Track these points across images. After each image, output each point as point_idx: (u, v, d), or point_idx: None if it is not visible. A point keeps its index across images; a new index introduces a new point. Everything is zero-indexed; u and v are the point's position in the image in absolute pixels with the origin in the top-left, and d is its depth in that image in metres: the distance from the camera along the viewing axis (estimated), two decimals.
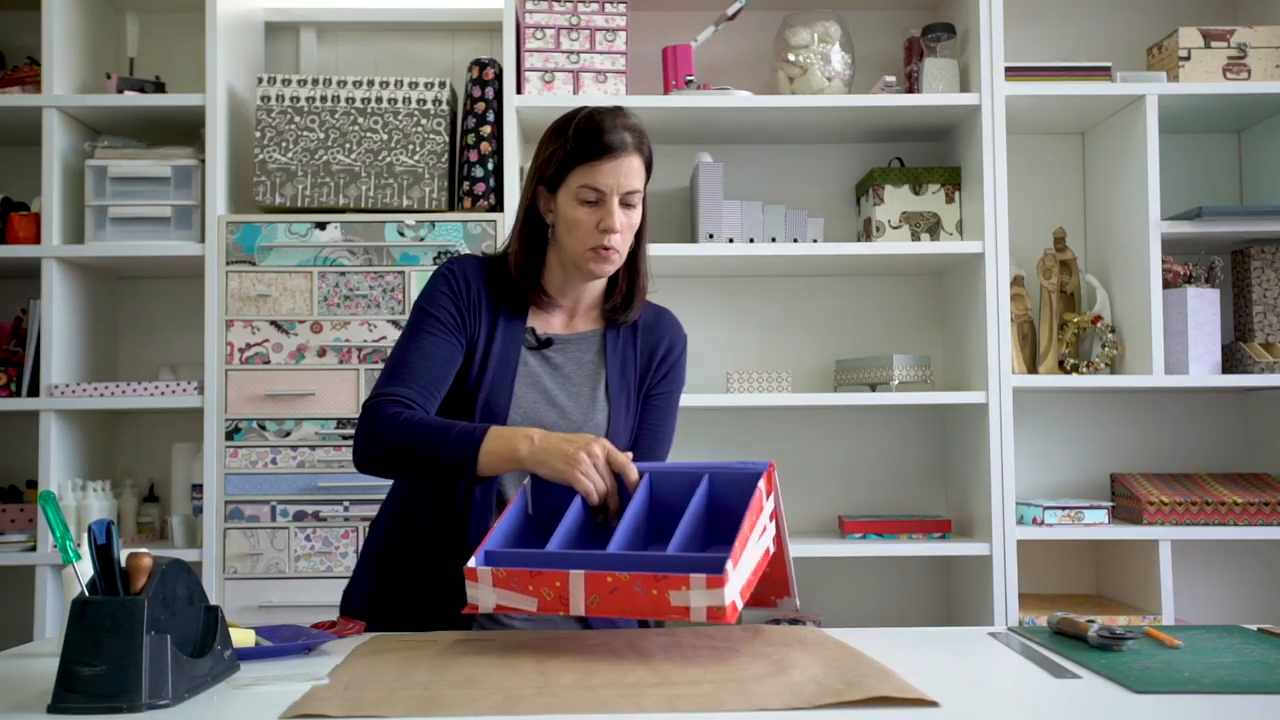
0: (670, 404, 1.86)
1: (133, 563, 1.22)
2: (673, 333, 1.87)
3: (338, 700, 1.17)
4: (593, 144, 1.67)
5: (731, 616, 1.33)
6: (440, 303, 1.72)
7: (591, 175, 1.67)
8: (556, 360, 1.77)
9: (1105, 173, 3.08)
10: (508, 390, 1.71)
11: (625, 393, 1.78)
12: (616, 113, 1.71)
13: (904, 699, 1.15)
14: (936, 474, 3.19)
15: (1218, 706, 1.16)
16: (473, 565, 1.42)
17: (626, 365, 1.80)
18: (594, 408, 1.76)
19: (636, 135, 1.70)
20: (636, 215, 1.72)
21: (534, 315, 1.79)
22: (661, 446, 1.85)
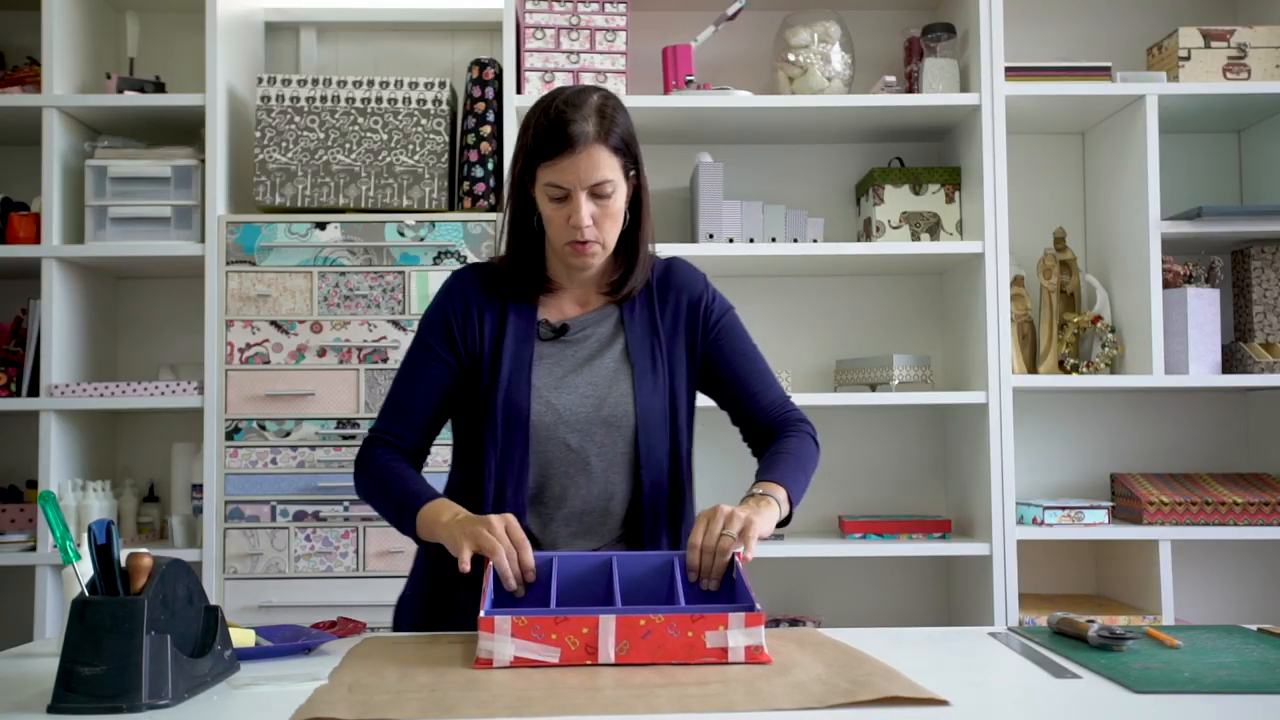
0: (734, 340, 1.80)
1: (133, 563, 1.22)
2: (688, 281, 1.81)
3: (345, 702, 1.16)
4: (550, 141, 1.63)
5: (768, 658, 1.33)
6: (432, 328, 1.76)
7: (553, 173, 1.63)
8: (575, 344, 1.74)
9: (1105, 173, 3.08)
10: (525, 387, 1.69)
11: (651, 354, 1.74)
12: (579, 101, 1.65)
13: (915, 699, 1.15)
14: (936, 474, 3.19)
15: (1218, 706, 1.16)
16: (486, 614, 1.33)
17: (647, 327, 1.76)
18: (617, 377, 1.72)
19: (601, 121, 1.64)
20: (615, 203, 1.67)
21: (546, 305, 1.77)
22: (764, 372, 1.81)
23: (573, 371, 1.72)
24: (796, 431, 1.80)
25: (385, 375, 2.75)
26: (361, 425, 2.74)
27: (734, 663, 1.32)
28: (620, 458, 1.72)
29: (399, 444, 1.75)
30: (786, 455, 1.75)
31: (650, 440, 1.71)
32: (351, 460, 2.72)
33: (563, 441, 1.69)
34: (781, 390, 1.84)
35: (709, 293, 1.81)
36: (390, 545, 2.72)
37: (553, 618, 1.32)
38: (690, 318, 1.78)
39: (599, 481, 1.71)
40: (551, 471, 1.70)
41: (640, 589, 1.53)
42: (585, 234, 1.65)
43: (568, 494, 1.70)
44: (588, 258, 1.69)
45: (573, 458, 1.69)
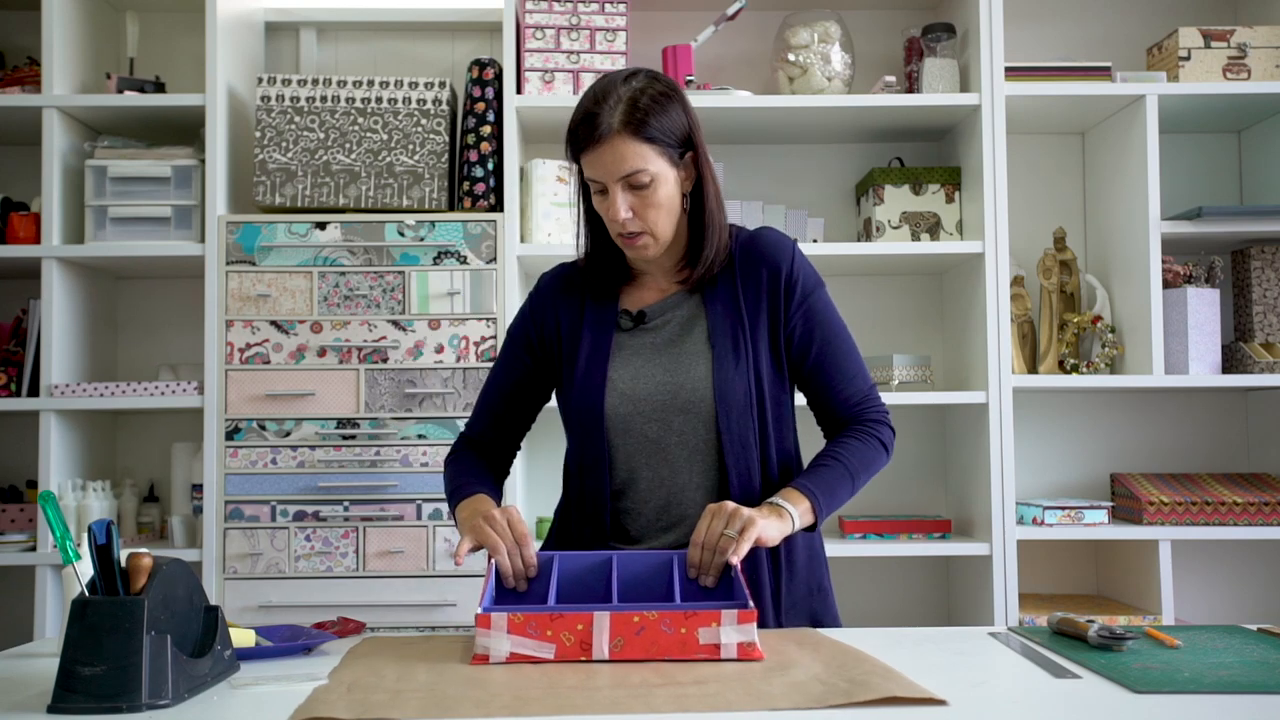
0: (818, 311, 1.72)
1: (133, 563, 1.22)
2: (773, 249, 1.72)
3: (344, 702, 1.16)
4: (577, 136, 1.63)
5: (760, 654, 1.33)
6: (513, 330, 1.83)
7: (587, 167, 1.64)
8: (654, 331, 1.72)
9: (1105, 173, 3.08)
10: (600, 380, 1.68)
11: (733, 335, 1.68)
12: (609, 90, 1.62)
13: (914, 698, 1.15)
14: (936, 474, 3.19)
15: (1218, 706, 1.16)
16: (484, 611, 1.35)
17: (729, 306, 1.70)
18: (695, 362, 1.68)
19: (632, 111, 1.60)
20: (658, 193, 1.62)
21: (627, 295, 1.76)
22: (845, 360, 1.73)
23: (651, 360, 1.70)
24: (864, 432, 1.73)
25: (385, 375, 2.75)
26: (361, 425, 2.74)
27: (726, 659, 1.33)
28: (702, 445, 1.68)
29: (481, 440, 1.82)
30: (833, 461, 1.69)
31: (732, 425, 1.66)
32: (352, 460, 2.73)
33: (641, 432, 1.68)
34: (866, 383, 1.76)
35: (794, 264, 1.72)
36: (390, 545, 2.72)
37: (548, 614, 1.34)
38: (772, 292, 1.71)
39: (682, 471, 1.68)
40: (634, 464, 1.69)
41: (640, 587, 1.54)
42: (626, 226, 1.63)
43: (652, 486, 1.69)
44: (639, 249, 1.66)
45: (652, 448, 1.68)
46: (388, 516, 2.72)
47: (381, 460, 2.73)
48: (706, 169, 1.68)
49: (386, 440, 2.74)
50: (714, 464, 1.69)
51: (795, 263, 1.72)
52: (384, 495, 2.73)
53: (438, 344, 2.76)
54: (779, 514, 1.59)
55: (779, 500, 1.61)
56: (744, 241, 1.74)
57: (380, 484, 2.73)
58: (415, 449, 2.73)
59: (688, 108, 1.67)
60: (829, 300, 1.75)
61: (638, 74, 1.66)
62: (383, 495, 2.73)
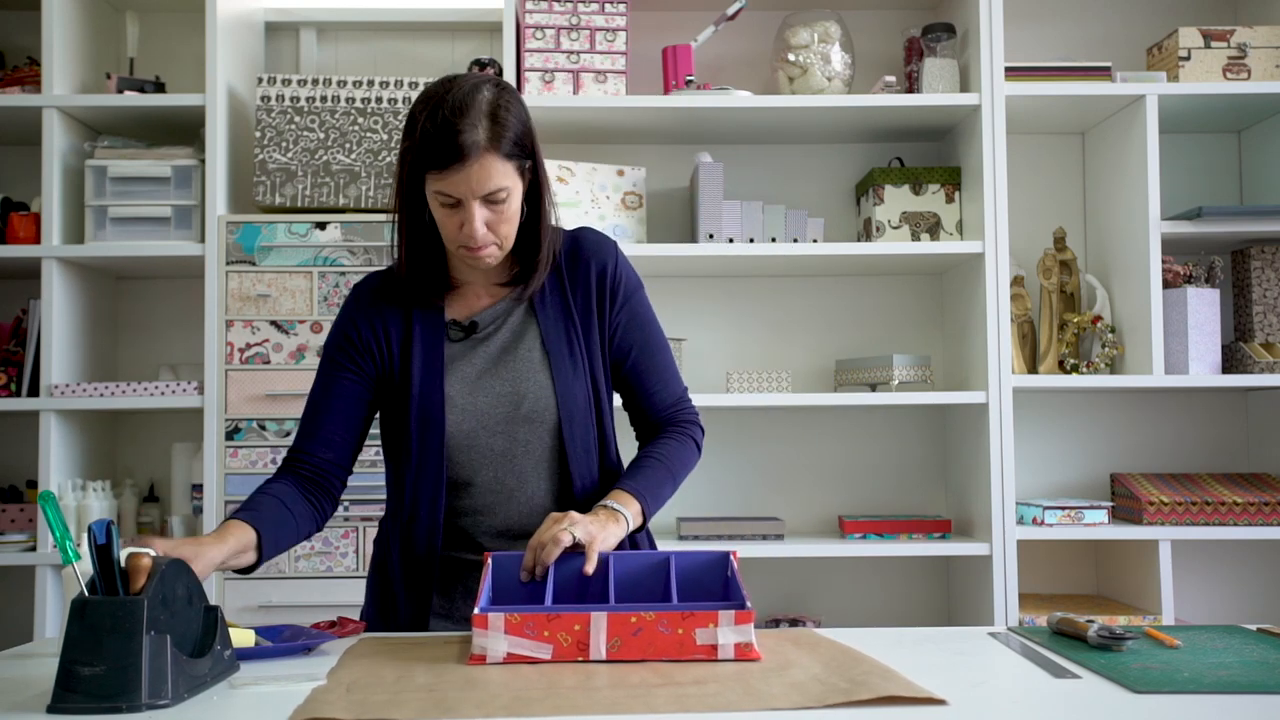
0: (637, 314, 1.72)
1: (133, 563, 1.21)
2: (596, 251, 1.71)
3: (344, 702, 1.16)
4: (438, 151, 1.52)
5: (757, 654, 1.33)
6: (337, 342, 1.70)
7: (443, 183, 1.54)
8: (487, 340, 1.67)
9: (1105, 173, 3.09)
10: (439, 394, 1.64)
11: (567, 338, 1.67)
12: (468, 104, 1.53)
13: (913, 698, 1.15)
14: (936, 474, 3.19)
15: (1218, 706, 1.16)
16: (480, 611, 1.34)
17: (560, 309, 1.69)
18: (534, 370, 1.66)
19: (493, 126, 1.53)
20: (510, 206, 1.57)
21: (453, 304, 1.70)
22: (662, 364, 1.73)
23: (487, 371, 1.66)
24: (679, 433, 1.74)
25: None
26: None
27: (724, 660, 1.33)
28: (548, 454, 1.67)
29: (311, 463, 1.71)
30: (654, 461, 1.68)
31: (575, 432, 1.66)
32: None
33: (486, 445, 1.65)
34: (679, 387, 1.77)
35: (617, 264, 1.72)
36: None
37: (545, 615, 1.34)
38: (599, 294, 1.70)
39: (529, 480, 1.67)
40: (480, 477, 1.66)
41: (637, 587, 1.54)
42: (478, 239, 1.57)
43: (500, 497, 1.66)
44: (483, 259, 1.60)
45: (500, 461, 1.65)
46: None
47: (381, 460, 2.72)
48: (543, 174, 1.64)
49: None
50: (557, 471, 1.68)
51: (618, 265, 1.72)
52: (384, 495, 2.71)
53: None
54: (615, 518, 1.58)
55: (612, 504, 1.60)
56: (567, 241, 1.72)
57: (380, 484, 2.71)
58: None
59: (527, 113, 1.62)
60: (648, 302, 1.75)
61: (483, 83, 1.58)
62: (383, 495, 2.71)
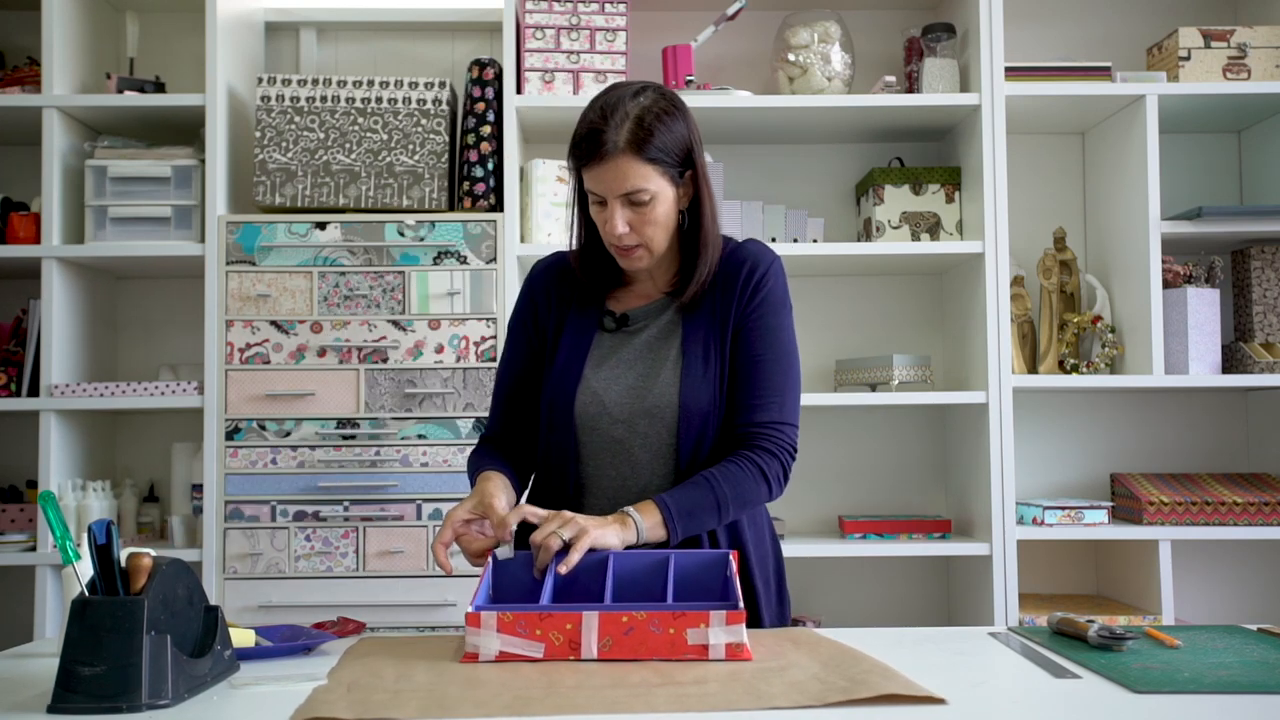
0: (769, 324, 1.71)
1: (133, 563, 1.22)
2: (751, 258, 1.74)
3: (344, 702, 1.16)
4: (582, 149, 1.64)
5: (749, 654, 1.34)
6: (514, 320, 1.84)
7: (589, 179, 1.65)
8: (634, 335, 1.75)
9: (1105, 173, 3.08)
10: (574, 378, 1.71)
11: (704, 343, 1.70)
12: (616, 106, 1.63)
13: (912, 696, 1.15)
14: (936, 474, 3.19)
15: (1218, 706, 1.16)
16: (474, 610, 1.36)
17: (705, 316, 1.72)
18: (666, 368, 1.69)
19: (637, 130, 1.61)
20: (656, 210, 1.64)
21: (615, 296, 1.79)
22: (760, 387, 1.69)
23: (627, 363, 1.73)
24: (749, 461, 1.67)
25: (385, 375, 2.75)
26: (361, 425, 2.74)
27: (714, 660, 1.33)
28: (664, 449, 1.70)
29: (498, 435, 1.82)
30: (703, 482, 1.64)
31: (691, 431, 1.68)
32: (352, 460, 2.73)
33: (607, 433, 1.70)
34: (782, 413, 1.71)
35: (767, 272, 1.73)
36: (390, 545, 2.72)
37: (537, 614, 1.35)
38: (741, 292, 1.72)
39: (643, 473, 1.70)
40: (599, 462, 1.72)
41: (636, 586, 1.55)
42: (623, 240, 1.66)
43: (614, 485, 1.71)
44: (633, 260, 1.70)
45: (617, 449, 1.70)
46: (388, 516, 2.72)
47: (381, 460, 2.73)
48: (705, 187, 1.70)
49: (386, 440, 2.74)
50: (673, 468, 1.70)
51: (768, 273, 1.73)
52: (384, 495, 2.73)
53: (438, 344, 2.76)
54: (622, 522, 1.58)
55: (630, 510, 1.61)
56: (729, 251, 1.76)
57: (380, 484, 2.72)
58: (415, 449, 2.73)
59: (692, 126, 1.68)
60: (788, 323, 1.75)
61: (646, 89, 1.67)
62: (383, 495, 2.73)
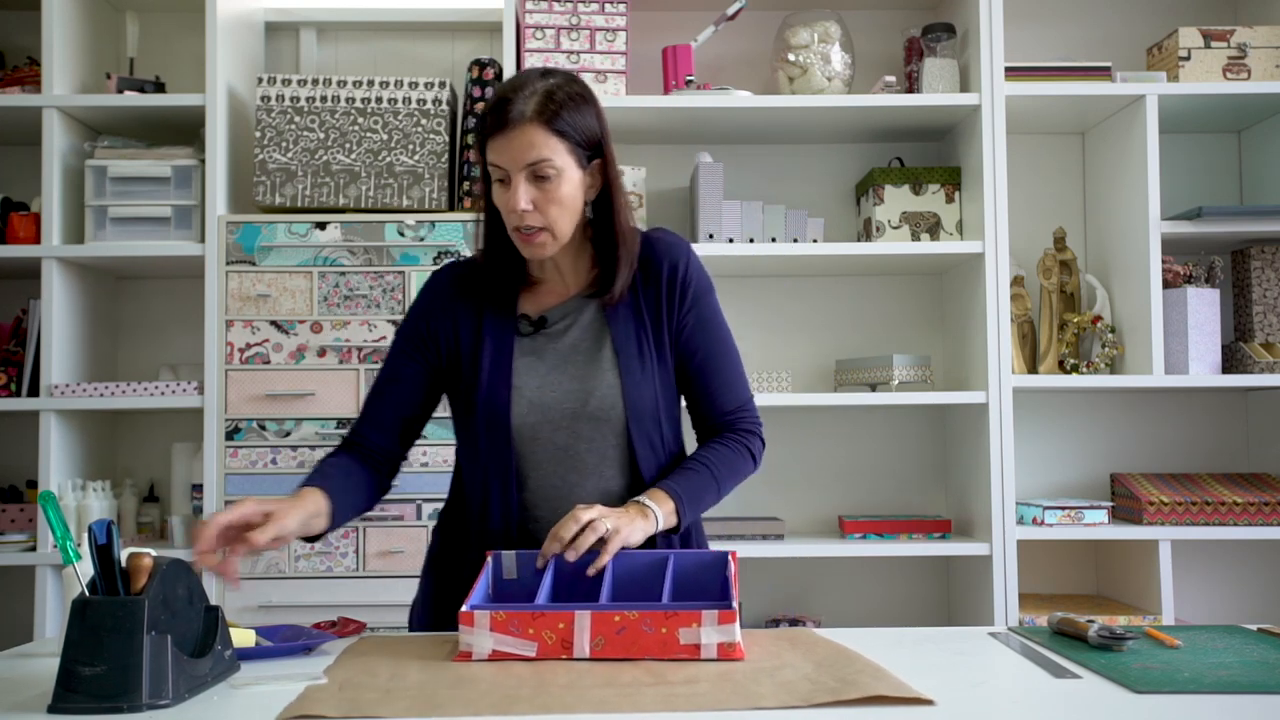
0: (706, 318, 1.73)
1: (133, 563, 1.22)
2: (669, 251, 1.72)
3: (334, 700, 1.16)
4: (489, 119, 1.59)
5: (741, 654, 1.34)
6: (405, 332, 1.75)
7: (492, 152, 1.59)
8: (556, 337, 1.69)
9: (1105, 173, 3.08)
10: (505, 388, 1.65)
11: (637, 339, 1.69)
12: (525, 81, 1.60)
13: (900, 698, 1.15)
14: (936, 474, 3.19)
15: (1218, 706, 1.16)
16: (468, 609, 1.36)
17: (630, 309, 1.70)
18: (602, 369, 1.67)
19: (546, 103, 1.58)
20: (561, 188, 1.59)
21: (527, 299, 1.72)
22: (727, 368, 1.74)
23: (556, 367, 1.68)
24: (734, 440, 1.73)
25: None
26: None
27: (706, 659, 1.33)
28: (614, 452, 1.68)
29: (366, 445, 1.73)
30: (699, 465, 1.69)
31: (642, 431, 1.67)
32: None
33: (550, 440, 1.66)
34: (745, 394, 1.77)
35: (688, 265, 1.73)
36: (390, 545, 2.72)
37: (530, 613, 1.35)
38: (669, 292, 1.71)
39: (593, 478, 1.67)
40: (544, 472, 1.67)
41: (635, 586, 1.55)
42: (525, 219, 1.59)
43: (561, 492, 1.67)
44: (535, 247, 1.62)
45: (562, 455, 1.66)
46: (387, 516, 2.72)
47: None
48: (615, 179, 1.66)
49: None
50: (624, 470, 1.69)
51: (689, 266, 1.72)
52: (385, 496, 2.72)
53: None
54: (644, 514, 1.59)
55: (645, 500, 1.61)
56: (641, 244, 1.73)
57: None
58: (415, 449, 2.72)
59: (601, 114, 1.65)
60: (718, 306, 1.76)
61: (556, 72, 1.64)
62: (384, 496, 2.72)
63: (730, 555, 1.55)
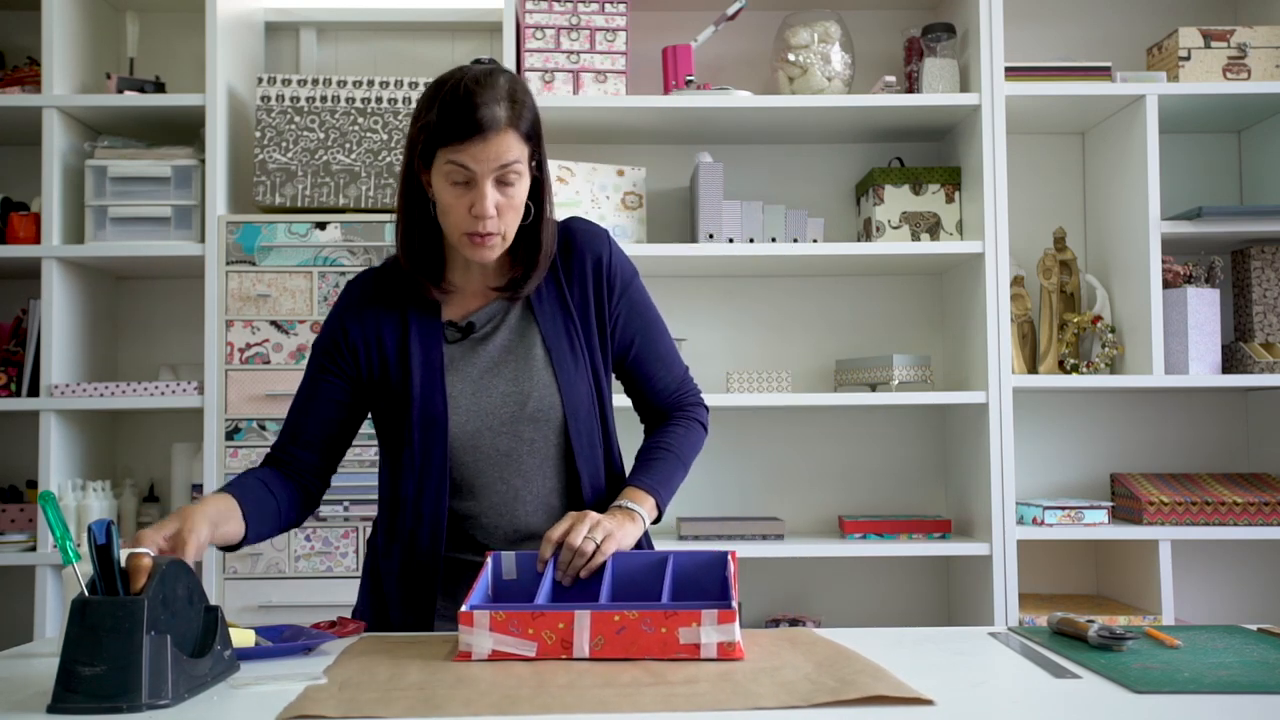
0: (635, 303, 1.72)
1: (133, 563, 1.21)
2: (591, 241, 1.70)
3: (334, 700, 1.16)
4: (458, 124, 1.51)
5: (741, 653, 1.34)
6: (324, 344, 1.69)
7: (459, 154, 1.53)
8: (486, 341, 1.66)
9: (1105, 173, 3.08)
10: (440, 395, 1.62)
11: (567, 335, 1.67)
12: (488, 81, 1.54)
13: (900, 698, 1.15)
14: (936, 474, 3.19)
15: (1218, 706, 1.16)
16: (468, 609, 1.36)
17: (557, 305, 1.68)
18: (537, 369, 1.65)
19: (512, 105, 1.54)
20: (519, 190, 1.57)
21: (450, 304, 1.68)
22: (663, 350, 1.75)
23: (489, 371, 1.65)
24: (684, 417, 1.77)
25: None
26: None
27: (706, 659, 1.33)
28: (554, 452, 1.67)
29: (290, 462, 1.68)
30: (663, 451, 1.72)
31: (580, 430, 1.66)
32: (352, 460, 2.73)
33: (491, 446, 1.64)
34: (681, 369, 1.79)
35: (611, 255, 1.71)
36: None
37: (529, 613, 1.35)
38: (596, 284, 1.69)
39: (535, 480, 1.66)
40: (485, 478, 1.65)
41: (634, 585, 1.55)
42: (488, 225, 1.56)
43: (505, 497, 1.65)
44: (487, 250, 1.59)
45: (505, 461, 1.65)
46: None
47: None
48: (547, 175, 1.65)
49: None
50: (565, 469, 1.68)
51: (612, 255, 1.71)
52: None
53: None
54: (631, 517, 1.61)
55: (627, 503, 1.62)
56: (560, 236, 1.70)
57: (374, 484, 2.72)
58: None
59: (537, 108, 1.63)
60: (643, 288, 1.75)
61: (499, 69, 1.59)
62: None
63: (730, 555, 1.55)
